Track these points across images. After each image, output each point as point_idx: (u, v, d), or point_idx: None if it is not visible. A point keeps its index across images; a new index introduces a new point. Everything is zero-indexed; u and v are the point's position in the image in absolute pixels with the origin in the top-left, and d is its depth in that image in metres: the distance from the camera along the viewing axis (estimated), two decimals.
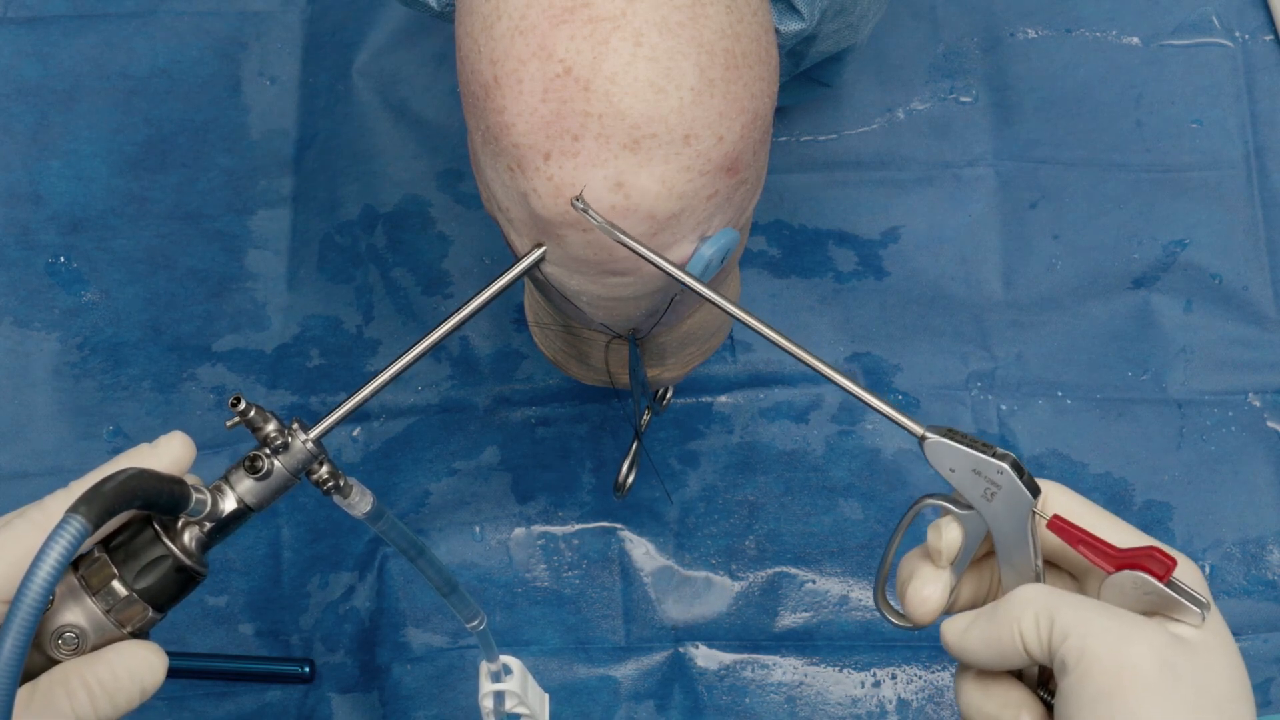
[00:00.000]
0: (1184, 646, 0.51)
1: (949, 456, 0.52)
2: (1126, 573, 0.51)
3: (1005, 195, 0.99)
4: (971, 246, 0.98)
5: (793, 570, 0.92)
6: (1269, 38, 1.01)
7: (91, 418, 0.95)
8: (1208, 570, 0.92)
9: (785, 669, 0.91)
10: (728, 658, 0.91)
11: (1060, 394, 0.95)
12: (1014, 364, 0.95)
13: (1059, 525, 0.52)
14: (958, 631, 0.54)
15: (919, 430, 0.53)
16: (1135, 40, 1.01)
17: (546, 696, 0.77)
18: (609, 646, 0.92)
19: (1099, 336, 0.96)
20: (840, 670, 0.91)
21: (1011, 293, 0.97)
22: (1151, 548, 0.51)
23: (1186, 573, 0.53)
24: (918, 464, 0.93)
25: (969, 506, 0.53)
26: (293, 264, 0.99)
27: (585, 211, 0.53)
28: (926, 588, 0.55)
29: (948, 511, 0.55)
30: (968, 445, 0.52)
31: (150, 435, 0.57)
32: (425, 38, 1.02)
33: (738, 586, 0.92)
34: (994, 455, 0.52)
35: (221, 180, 1.00)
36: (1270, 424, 0.94)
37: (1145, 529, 0.93)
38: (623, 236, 0.54)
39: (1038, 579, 0.54)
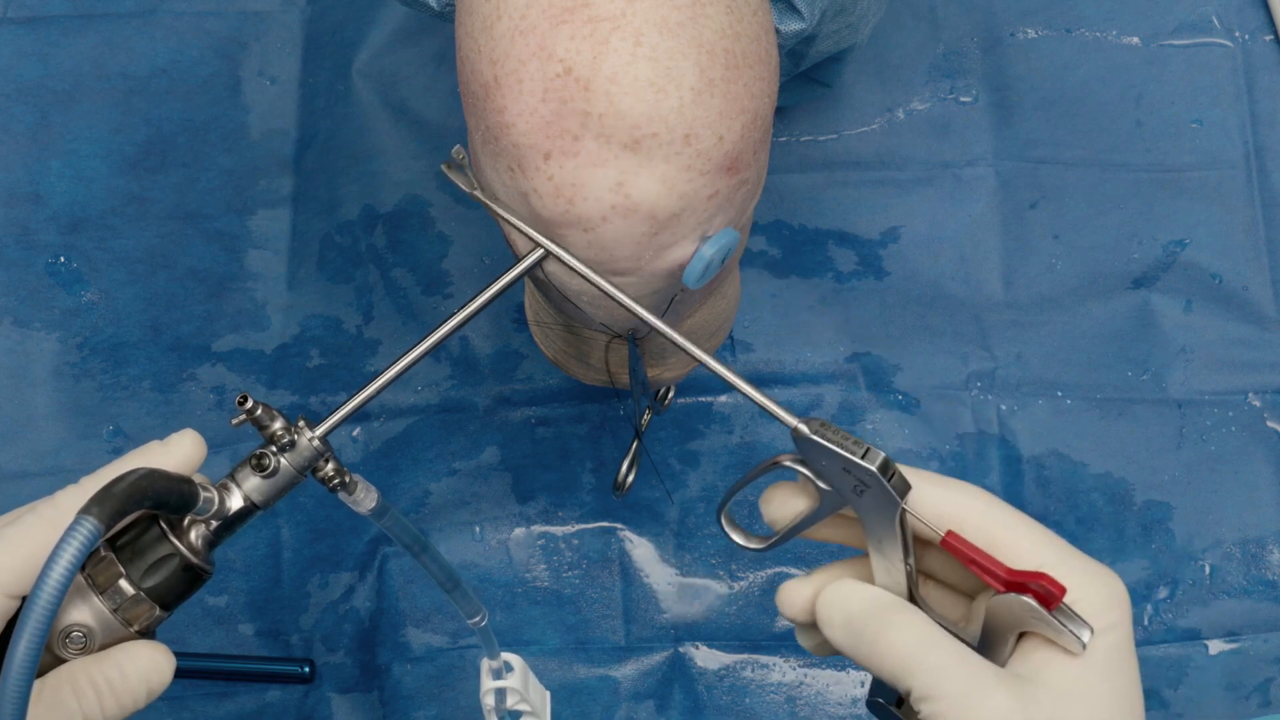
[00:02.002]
0: (1038, 709, 0.51)
1: (819, 452, 0.53)
2: (1012, 596, 0.51)
3: (1005, 195, 0.99)
4: (971, 246, 0.98)
5: (793, 570, 0.92)
6: (1269, 38, 1.01)
7: (91, 418, 0.96)
8: (1207, 570, 0.92)
9: (785, 669, 0.91)
10: (728, 658, 0.91)
11: (1060, 394, 0.95)
12: (1014, 364, 0.95)
13: (951, 544, 0.52)
14: (830, 622, 0.54)
15: (792, 422, 0.53)
16: (1135, 40, 1.01)
17: (548, 694, 0.77)
18: (609, 646, 0.92)
19: (1099, 336, 0.96)
20: (840, 670, 0.91)
21: (1011, 293, 0.97)
22: (1041, 574, 0.51)
23: (1093, 593, 0.52)
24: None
25: (821, 478, 0.54)
26: (293, 264, 0.99)
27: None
28: (790, 500, 0.56)
29: (804, 480, 0.54)
30: (838, 443, 0.52)
31: (150, 435, 0.57)
32: (425, 38, 1.02)
33: (738, 586, 0.92)
34: (864, 456, 0.52)
35: (221, 180, 1.00)
36: (1270, 424, 0.94)
37: (1145, 529, 0.93)
38: (516, 222, 0.55)
39: (909, 577, 0.54)
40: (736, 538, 0.58)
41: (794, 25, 0.70)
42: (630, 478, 0.86)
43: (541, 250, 0.57)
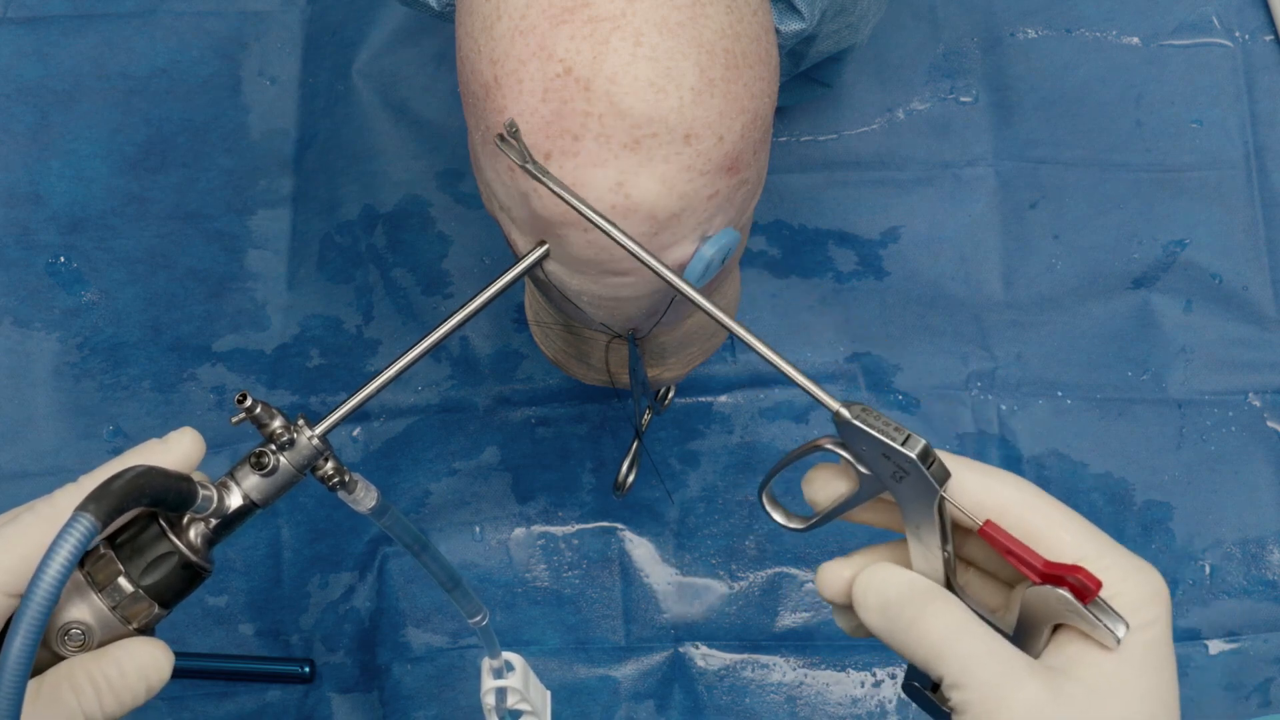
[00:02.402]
0: (1070, 702, 0.51)
1: (860, 437, 0.53)
2: (1048, 588, 0.51)
3: (1005, 195, 0.99)
4: (971, 246, 0.98)
5: (792, 570, 0.92)
6: (1269, 38, 1.01)
7: (91, 418, 0.96)
8: (1207, 570, 0.92)
9: (785, 669, 0.91)
10: (728, 658, 0.91)
11: (1060, 394, 0.95)
12: (1014, 364, 0.95)
13: (988, 534, 0.52)
14: (865, 605, 0.54)
15: (834, 405, 0.53)
16: (1135, 40, 1.01)
17: (548, 693, 0.77)
18: (609, 646, 0.92)
19: (1099, 336, 0.96)
20: (840, 670, 0.91)
21: (1011, 293, 0.97)
22: (1077, 567, 0.51)
23: (1132, 588, 0.52)
24: None
25: (861, 463, 0.54)
26: (293, 264, 0.99)
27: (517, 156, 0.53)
28: (833, 483, 0.56)
29: (845, 462, 0.55)
30: (879, 429, 0.52)
31: (150, 435, 0.57)
32: (425, 38, 1.02)
33: (738, 586, 0.92)
34: (904, 442, 0.52)
35: (221, 180, 1.00)
36: (1270, 424, 0.94)
37: (1145, 529, 0.94)
38: (570, 198, 0.53)
39: (946, 564, 0.54)
40: (777, 517, 0.58)
41: (794, 25, 0.70)
42: (630, 478, 0.86)
43: (544, 249, 0.57)
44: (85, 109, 1.01)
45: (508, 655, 0.71)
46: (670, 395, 0.89)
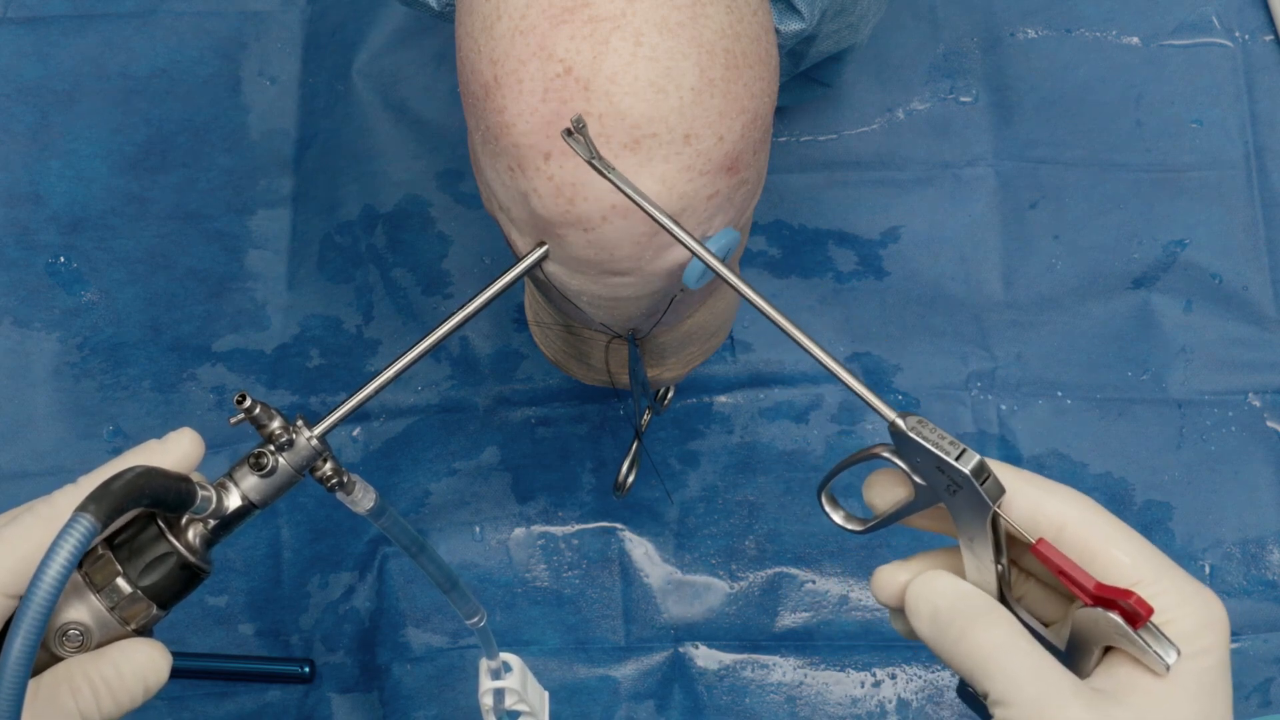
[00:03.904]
0: None
1: (915, 449, 0.53)
2: (1098, 610, 0.51)
3: (1005, 195, 0.99)
4: (971, 246, 0.98)
5: (793, 570, 0.92)
6: (1269, 38, 1.01)
7: (91, 418, 0.96)
8: (1207, 570, 0.92)
9: (785, 669, 0.91)
10: (728, 658, 0.91)
11: (1060, 394, 0.95)
12: (1014, 364, 0.95)
13: (1040, 552, 0.52)
14: (917, 613, 0.54)
15: (890, 416, 0.53)
16: (1135, 40, 1.01)
17: (546, 694, 0.77)
18: (609, 646, 0.92)
19: (1099, 336, 0.96)
20: (840, 670, 0.91)
21: (1011, 293, 0.97)
22: (1128, 591, 0.50)
23: (1188, 614, 0.51)
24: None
25: (917, 473, 0.54)
26: (293, 264, 0.99)
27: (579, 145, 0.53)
28: (893, 488, 0.55)
29: (901, 471, 0.54)
30: (934, 443, 0.52)
31: (150, 435, 0.56)
32: (425, 38, 1.02)
33: (738, 586, 0.92)
34: (959, 457, 0.52)
35: (221, 180, 1.00)
36: (1270, 424, 0.94)
37: (1145, 529, 0.93)
38: (617, 180, 0.53)
39: (999, 577, 0.53)
40: (837, 518, 0.58)
41: (794, 25, 0.70)
42: (630, 478, 0.85)
43: (543, 249, 0.57)
44: (85, 109, 1.01)
45: (505, 656, 0.71)
46: (670, 395, 0.89)
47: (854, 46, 0.82)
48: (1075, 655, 0.52)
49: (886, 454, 0.54)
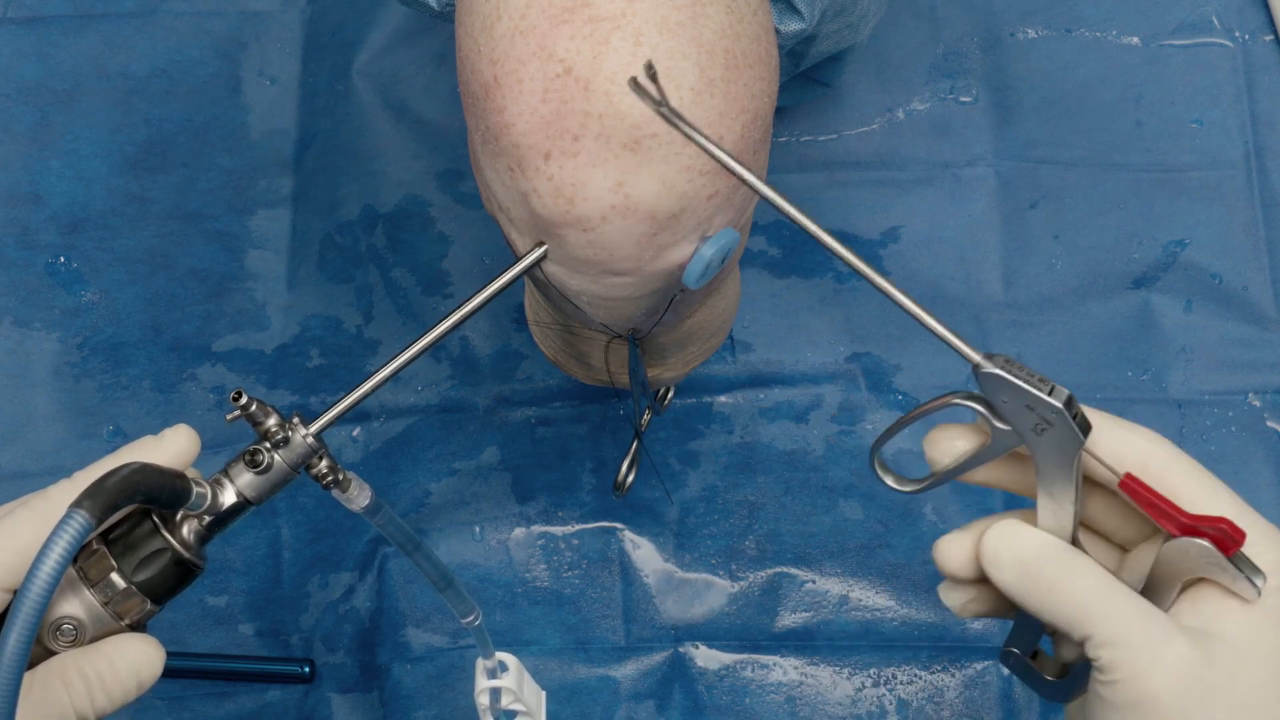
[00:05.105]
0: (1217, 659, 0.50)
1: (1002, 388, 0.52)
2: (1189, 539, 0.51)
3: (1005, 195, 0.99)
4: (971, 246, 0.98)
5: (793, 570, 0.92)
6: (1269, 38, 1.01)
7: (91, 418, 0.96)
8: None
9: (785, 669, 0.91)
10: (728, 658, 0.91)
11: None
12: None
13: (1131, 486, 0.52)
14: (998, 563, 0.53)
15: (975, 357, 0.52)
16: (1135, 40, 1.01)
17: (543, 693, 0.76)
18: (609, 646, 0.92)
19: (1099, 336, 0.96)
20: (840, 670, 0.91)
21: (1011, 293, 0.97)
22: (1222, 519, 0.51)
23: (1270, 548, 0.52)
24: (918, 463, 0.93)
25: (999, 417, 0.53)
26: (293, 264, 0.99)
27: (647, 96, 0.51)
28: (956, 442, 0.55)
29: (981, 417, 0.54)
30: (1024, 379, 0.51)
31: (149, 435, 0.57)
32: (425, 38, 1.02)
33: (737, 586, 0.92)
34: (1050, 392, 0.51)
35: (221, 180, 1.00)
36: (1270, 424, 0.94)
37: None
38: (688, 129, 0.51)
39: (1074, 520, 0.53)
40: (889, 480, 0.57)
41: (794, 25, 0.70)
42: (630, 478, 0.85)
43: (543, 249, 0.57)
44: (85, 109, 1.02)
45: (502, 655, 0.71)
46: (670, 395, 0.89)
47: (854, 46, 0.82)
48: (1150, 596, 0.52)
49: (960, 401, 0.53)
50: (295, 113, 1.02)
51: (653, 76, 0.51)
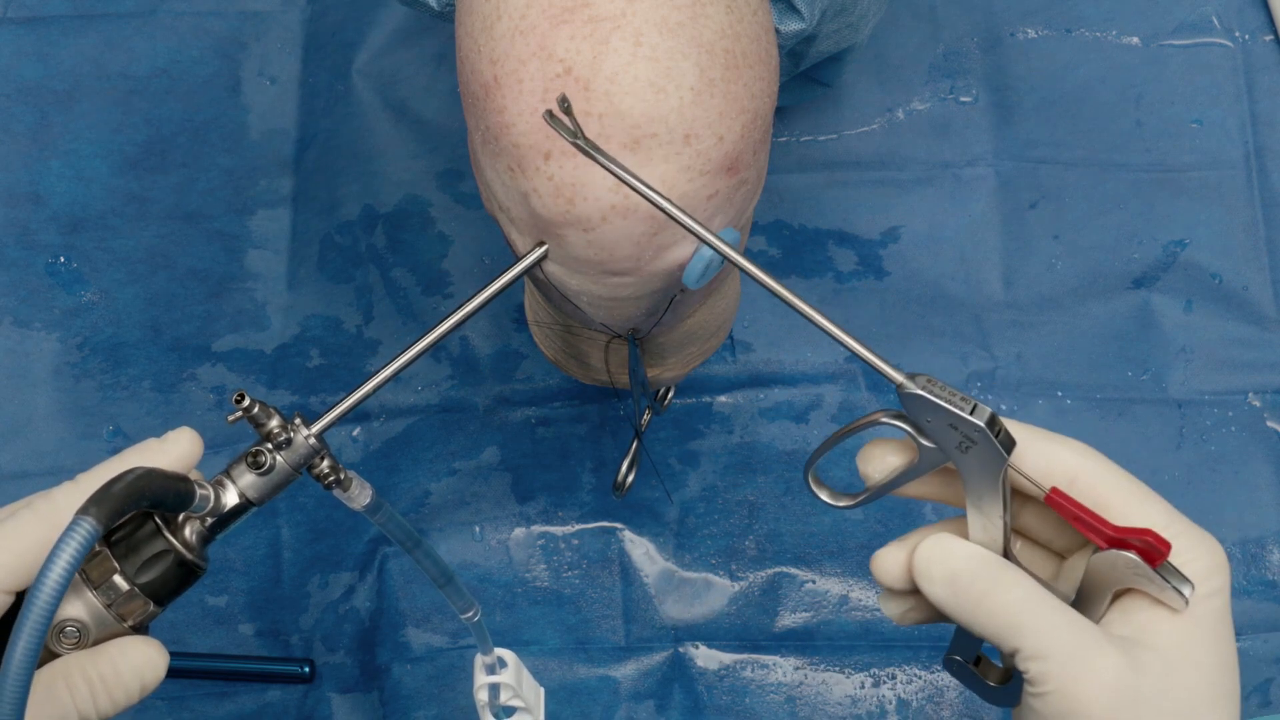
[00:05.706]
0: (1147, 668, 0.51)
1: (926, 408, 0.52)
2: (1115, 552, 0.51)
3: (1005, 195, 0.99)
4: (971, 246, 0.98)
5: (793, 570, 0.92)
6: (1269, 38, 1.01)
7: (91, 418, 0.96)
8: None
9: (785, 669, 0.91)
10: (728, 658, 0.91)
11: (1060, 394, 0.95)
12: (1014, 364, 0.95)
13: (1056, 500, 0.52)
14: (929, 577, 0.54)
15: (897, 377, 0.53)
16: (1135, 40, 1.01)
17: (542, 690, 0.77)
18: (609, 646, 0.92)
19: (1099, 336, 0.96)
20: (840, 670, 0.91)
21: (1011, 293, 0.97)
22: (1148, 531, 0.51)
23: (1198, 557, 0.52)
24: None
25: (925, 435, 0.53)
26: (293, 264, 0.99)
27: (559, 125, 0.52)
28: (888, 458, 0.55)
29: (908, 436, 0.54)
30: (945, 399, 0.52)
31: (150, 435, 0.57)
32: (425, 38, 1.02)
33: (737, 586, 0.92)
34: (972, 411, 0.52)
35: (221, 180, 1.00)
36: (1270, 424, 0.94)
37: None
38: (604, 160, 0.52)
39: (1005, 533, 0.53)
40: (824, 496, 0.58)
41: (794, 25, 0.70)
42: (630, 478, 0.85)
43: (543, 249, 0.57)
44: (85, 109, 1.01)
45: (500, 651, 0.71)
46: (670, 395, 0.89)
47: (854, 46, 0.82)
48: (1082, 606, 0.53)
49: (888, 419, 0.54)
50: (295, 113, 1.02)
51: (566, 110, 0.51)
